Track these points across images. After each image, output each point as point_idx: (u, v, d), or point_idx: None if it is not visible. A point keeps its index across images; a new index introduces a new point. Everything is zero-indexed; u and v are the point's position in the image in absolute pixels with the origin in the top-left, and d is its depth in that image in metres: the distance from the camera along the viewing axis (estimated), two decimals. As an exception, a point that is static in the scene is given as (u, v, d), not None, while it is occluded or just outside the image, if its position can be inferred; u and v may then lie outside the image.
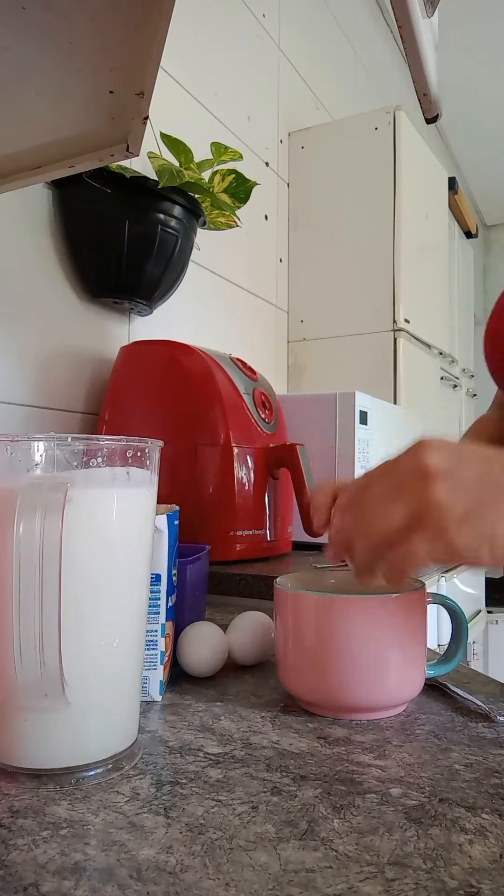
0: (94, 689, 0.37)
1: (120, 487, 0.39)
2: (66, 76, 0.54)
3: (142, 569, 0.41)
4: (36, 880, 0.28)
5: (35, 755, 0.36)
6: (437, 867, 0.29)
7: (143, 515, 0.40)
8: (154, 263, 1.04)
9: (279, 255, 1.75)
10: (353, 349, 1.70)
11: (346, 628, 0.45)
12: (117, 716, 0.39)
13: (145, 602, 0.42)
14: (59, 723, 0.36)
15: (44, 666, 0.34)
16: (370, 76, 2.34)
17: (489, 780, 0.37)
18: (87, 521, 0.37)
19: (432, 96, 0.65)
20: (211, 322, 1.46)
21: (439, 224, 2.00)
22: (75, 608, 0.36)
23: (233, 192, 1.11)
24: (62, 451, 0.37)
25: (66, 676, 0.35)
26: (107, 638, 0.38)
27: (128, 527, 0.39)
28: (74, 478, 0.37)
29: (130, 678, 0.40)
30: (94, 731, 0.38)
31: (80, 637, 0.37)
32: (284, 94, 1.77)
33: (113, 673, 0.38)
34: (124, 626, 0.39)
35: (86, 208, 1.00)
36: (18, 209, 0.98)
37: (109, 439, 0.38)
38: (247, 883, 0.28)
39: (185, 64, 1.36)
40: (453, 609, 0.51)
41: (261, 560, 1.01)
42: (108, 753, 0.38)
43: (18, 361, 0.98)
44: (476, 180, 3.83)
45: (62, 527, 0.34)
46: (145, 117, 0.57)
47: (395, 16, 0.58)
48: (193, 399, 0.97)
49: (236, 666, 0.58)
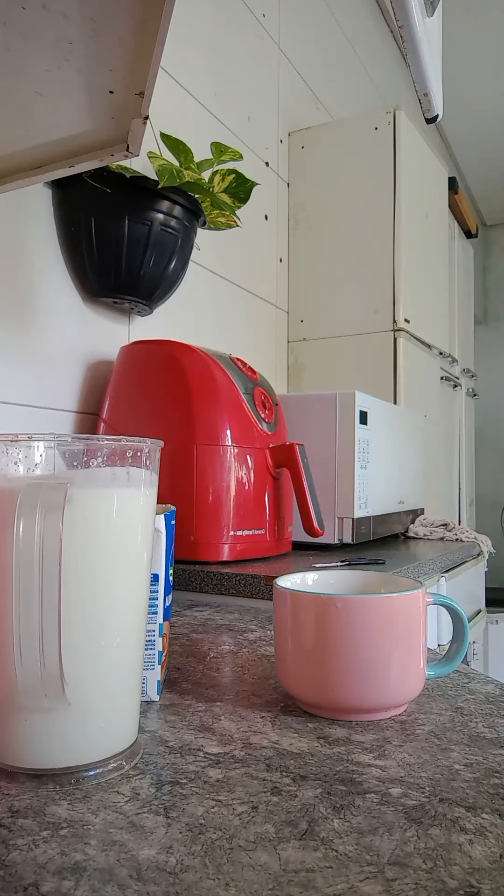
0: (94, 689, 0.37)
1: (120, 487, 0.39)
2: (66, 76, 0.54)
3: (142, 569, 0.41)
4: (36, 880, 0.28)
5: (35, 755, 0.36)
6: (437, 867, 0.29)
7: (143, 516, 0.40)
8: (154, 263, 1.04)
9: (279, 255, 1.75)
10: (353, 349, 1.70)
11: (346, 628, 0.45)
12: (117, 716, 0.39)
13: (145, 602, 0.42)
14: (59, 723, 0.36)
15: (44, 666, 0.34)
16: (370, 76, 2.34)
17: (489, 780, 0.37)
18: (88, 522, 0.37)
19: (432, 96, 0.65)
20: (211, 322, 1.46)
21: (439, 224, 2.00)
22: (76, 608, 0.36)
23: (233, 192, 1.11)
24: (62, 451, 0.37)
25: (67, 676, 0.34)
26: (107, 638, 0.38)
27: (128, 527, 0.39)
28: (74, 478, 0.37)
29: (131, 678, 0.40)
30: (94, 730, 0.38)
31: (81, 637, 0.37)
32: (284, 94, 1.77)
33: (113, 673, 0.38)
34: (125, 626, 0.39)
35: (86, 208, 1.00)
36: (18, 209, 0.98)
37: (109, 439, 0.38)
38: (247, 883, 0.28)
39: (185, 64, 1.36)
40: (453, 609, 0.51)
41: (261, 560, 1.01)
42: (108, 753, 0.38)
43: (18, 361, 0.98)
44: (476, 180, 3.83)
45: (62, 527, 0.33)
46: (145, 117, 0.57)
47: (394, 16, 0.58)
48: (193, 399, 0.97)
49: (236, 666, 0.58)
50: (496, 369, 4.10)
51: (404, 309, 1.66)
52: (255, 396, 1.04)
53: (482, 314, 4.25)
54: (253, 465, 0.99)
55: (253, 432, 1.00)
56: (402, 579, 0.52)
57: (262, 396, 1.06)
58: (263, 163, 1.67)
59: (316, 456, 1.15)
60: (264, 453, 1.02)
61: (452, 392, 2.53)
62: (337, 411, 1.19)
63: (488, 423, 3.93)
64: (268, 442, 1.03)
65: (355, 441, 1.17)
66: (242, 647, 0.65)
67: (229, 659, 0.61)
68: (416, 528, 1.49)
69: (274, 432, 1.06)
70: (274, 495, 1.04)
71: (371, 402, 1.24)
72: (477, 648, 1.55)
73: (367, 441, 1.22)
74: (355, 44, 2.21)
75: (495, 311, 4.36)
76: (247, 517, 0.98)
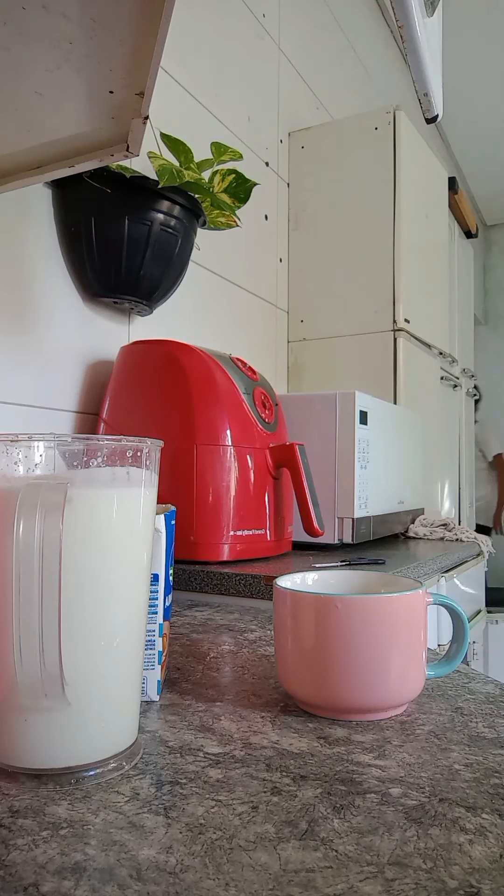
0: (94, 690, 0.37)
1: (120, 487, 0.39)
2: (66, 76, 0.54)
3: (142, 569, 0.41)
4: (36, 880, 0.28)
5: (35, 755, 0.36)
6: (437, 867, 0.29)
7: (143, 516, 0.40)
8: (154, 263, 1.04)
9: (279, 255, 1.75)
10: (353, 349, 1.70)
11: (346, 628, 0.45)
12: (117, 716, 0.39)
13: (146, 602, 0.42)
14: (59, 723, 0.36)
15: (44, 666, 0.34)
16: (370, 76, 2.34)
17: (489, 780, 0.37)
18: (88, 522, 0.37)
19: (432, 96, 0.65)
20: (211, 322, 1.46)
21: (439, 224, 2.00)
22: (76, 608, 0.36)
23: (233, 192, 1.11)
24: (62, 452, 0.37)
25: (67, 676, 0.34)
26: (107, 638, 0.38)
27: (127, 527, 0.39)
28: (74, 478, 0.37)
29: (131, 678, 0.40)
30: (94, 731, 0.38)
31: (81, 637, 0.37)
32: (284, 94, 1.77)
33: (113, 673, 0.38)
34: (125, 626, 0.39)
35: (86, 208, 1.00)
36: (18, 209, 0.98)
37: (109, 439, 0.38)
38: (247, 883, 0.28)
39: (185, 64, 1.36)
40: (454, 609, 0.51)
41: (261, 560, 1.01)
42: (108, 753, 0.38)
43: (18, 361, 0.98)
44: (476, 180, 3.83)
45: (62, 527, 0.34)
46: (145, 117, 0.57)
47: (394, 16, 0.58)
48: (193, 399, 0.97)
49: (236, 666, 0.58)
50: (496, 369, 4.10)
51: (404, 309, 1.66)
52: (255, 396, 1.04)
53: (482, 314, 4.25)
54: (253, 465, 0.99)
55: (253, 432, 1.00)
56: (402, 579, 0.52)
57: (262, 396, 1.06)
58: (263, 163, 1.67)
59: (316, 456, 1.15)
60: (264, 453, 1.02)
61: (452, 392, 2.53)
62: (337, 411, 1.19)
63: (488, 422, 3.94)
64: (268, 442, 1.03)
65: (355, 441, 1.17)
66: (242, 647, 0.65)
67: (229, 659, 0.61)
68: (416, 528, 1.49)
69: (274, 432, 1.06)
70: (274, 495, 1.04)
71: (371, 402, 1.24)
72: (477, 648, 1.55)
73: (367, 441, 1.22)
74: (355, 44, 2.21)
75: (495, 311, 4.36)
76: (247, 517, 0.98)
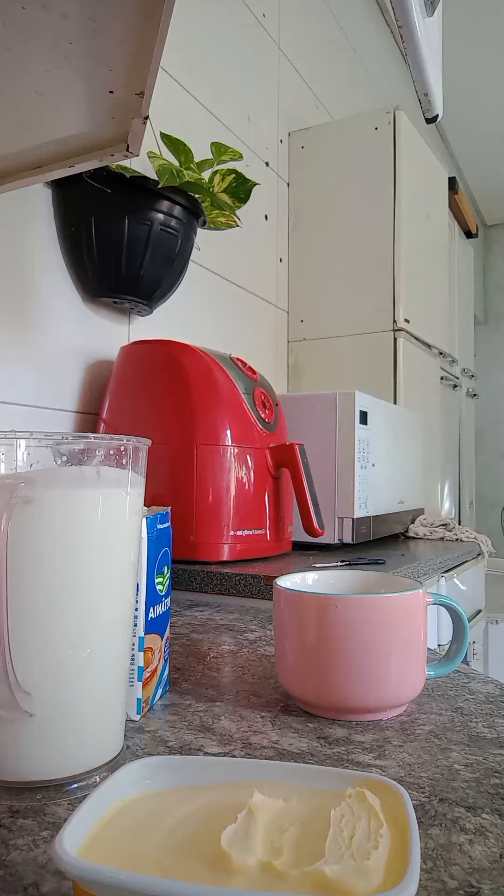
0: (62, 702, 0.35)
1: (90, 488, 0.36)
2: (66, 76, 0.54)
3: (117, 575, 0.38)
4: (36, 880, 0.28)
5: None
6: (437, 867, 0.29)
7: (116, 518, 0.38)
8: (154, 263, 1.04)
9: (279, 255, 1.75)
10: (353, 349, 1.70)
11: (346, 628, 0.45)
12: (91, 729, 0.37)
13: (127, 611, 0.39)
14: (24, 735, 0.35)
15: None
16: (370, 76, 2.34)
17: (489, 780, 0.37)
18: (50, 524, 0.35)
19: (432, 96, 0.65)
20: (211, 322, 1.46)
21: (439, 224, 2.00)
22: (31, 615, 0.34)
23: (233, 191, 1.11)
24: (53, 451, 0.36)
25: (27, 688, 0.33)
26: (74, 648, 0.35)
27: (96, 530, 0.36)
28: (36, 477, 0.35)
29: (108, 691, 0.38)
30: (64, 744, 0.35)
31: (41, 647, 0.35)
32: (284, 94, 1.77)
33: (85, 685, 0.36)
34: (96, 637, 0.36)
35: (86, 208, 1.00)
36: (18, 209, 0.98)
37: (79, 436, 0.37)
38: (247, 883, 0.28)
39: (185, 64, 1.36)
40: (453, 609, 0.51)
41: (261, 560, 1.01)
42: (84, 768, 0.36)
43: (18, 361, 0.98)
44: (476, 180, 3.83)
45: (7, 528, 0.32)
46: (145, 117, 0.57)
47: (395, 16, 0.58)
48: (193, 399, 0.97)
49: (236, 666, 0.58)
50: (496, 369, 4.10)
51: (404, 309, 1.66)
52: (255, 396, 1.04)
53: (482, 314, 4.25)
54: (253, 465, 0.99)
55: (253, 432, 1.00)
56: (402, 579, 0.52)
57: (262, 396, 1.06)
58: (263, 163, 1.67)
59: (316, 456, 1.15)
60: (264, 453, 1.02)
61: (452, 392, 2.53)
62: (337, 411, 1.19)
63: (488, 422, 3.94)
64: (268, 442, 1.03)
65: (355, 441, 1.17)
66: (242, 647, 0.65)
67: (229, 659, 0.61)
68: (416, 528, 1.49)
69: (274, 432, 1.06)
70: (274, 495, 1.04)
71: (371, 402, 1.24)
72: (477, 648, 1.55)
73: (367, 441, 1.22)
74: (355, 44, 2.21)
75: (495, 311, 4.36)
76: (247, 517, 0.98)
